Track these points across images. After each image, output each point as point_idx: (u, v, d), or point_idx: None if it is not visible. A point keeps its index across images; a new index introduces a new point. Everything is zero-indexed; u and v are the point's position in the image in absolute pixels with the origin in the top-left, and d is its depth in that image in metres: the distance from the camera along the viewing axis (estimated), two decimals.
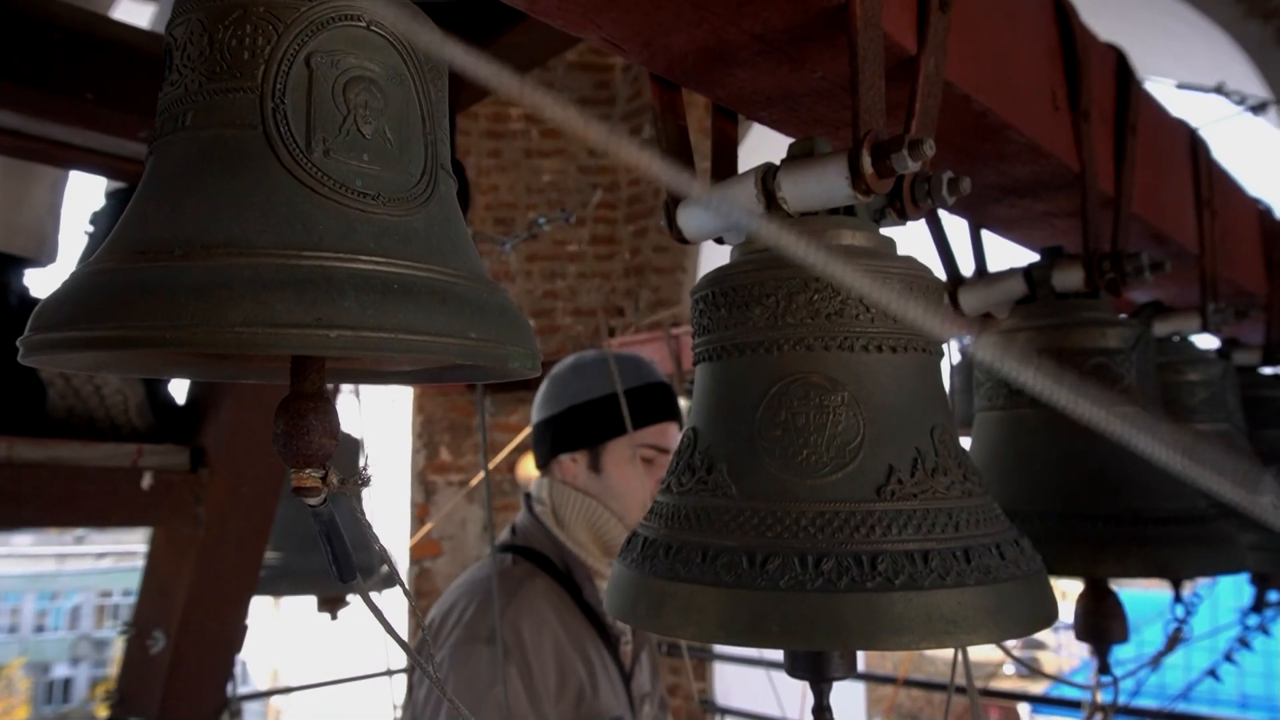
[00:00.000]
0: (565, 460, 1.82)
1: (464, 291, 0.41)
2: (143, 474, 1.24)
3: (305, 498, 0.43)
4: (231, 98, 0.41)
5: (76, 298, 0.38)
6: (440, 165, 0.45)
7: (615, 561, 0.73)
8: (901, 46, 0.74)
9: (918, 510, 0.62)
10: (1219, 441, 1.32)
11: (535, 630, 1.60)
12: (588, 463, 1.80)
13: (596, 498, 1.77)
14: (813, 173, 0.70)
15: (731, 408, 0.68)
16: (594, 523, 1.77)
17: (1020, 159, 0.96)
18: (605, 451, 1.80)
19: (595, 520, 1.76)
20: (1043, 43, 0.98)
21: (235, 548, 1.33)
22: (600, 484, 1.78)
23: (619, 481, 1.78)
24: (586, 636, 1.70)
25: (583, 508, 1.77)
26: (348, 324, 0.36)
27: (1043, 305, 1.08)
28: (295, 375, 0.42)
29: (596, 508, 1.76)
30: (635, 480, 1.79)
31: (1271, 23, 3.61)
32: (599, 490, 1.78)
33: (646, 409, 1.82)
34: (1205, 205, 1.36)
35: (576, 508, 1.77)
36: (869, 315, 0.66)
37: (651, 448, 1.81)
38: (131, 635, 1.45)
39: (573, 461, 1.81)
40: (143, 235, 0.39)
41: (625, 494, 1.78)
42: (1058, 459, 0.98)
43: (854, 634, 0.57)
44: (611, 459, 1.80)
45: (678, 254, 5.71)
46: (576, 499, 1.77)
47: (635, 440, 1.79)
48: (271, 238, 0.37)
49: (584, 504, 1.77)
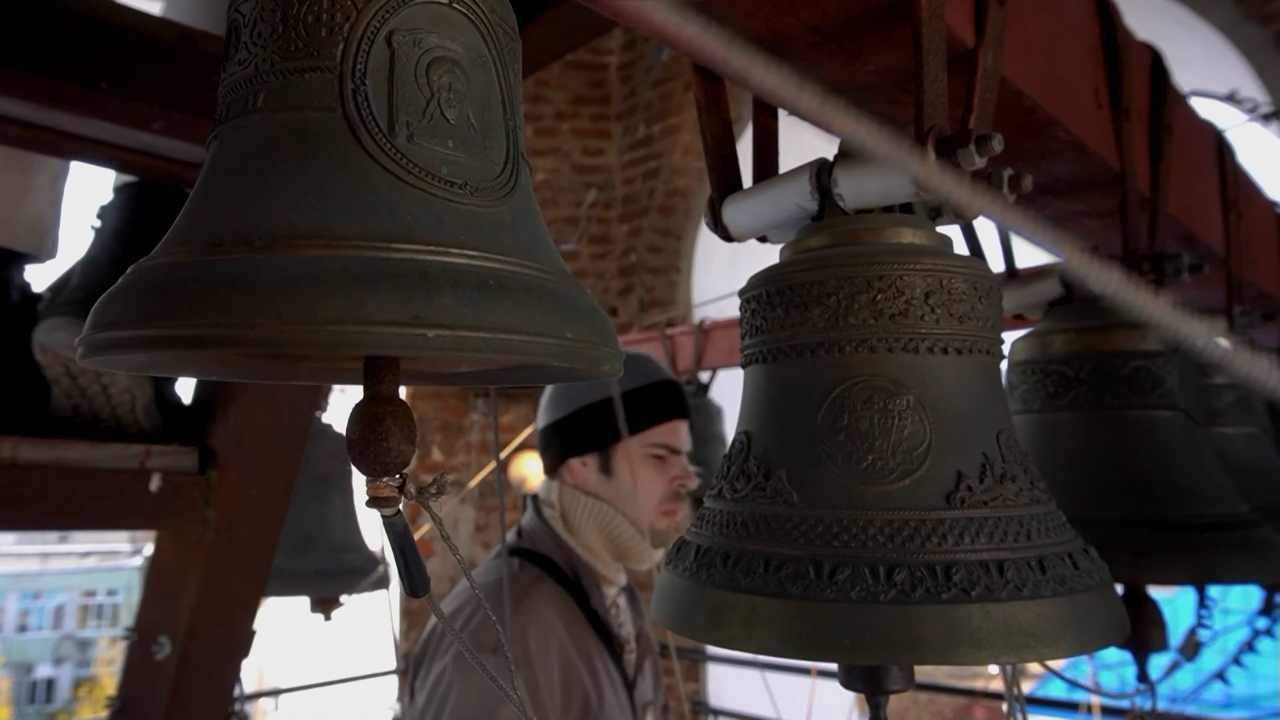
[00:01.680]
0: (575, 464, 1.78)
1: (556, 289, 0.38)
2: (151, 476, 1.21)
3: (381, 509, 0.40)
4: (308, 78, 0.38)
5: (145, 293, 0.35)
6: (520, 154, 0.43)
7: (664, 570, 0.70)
8: (960, 39, 0.71)
9: (989, 518, 0.60)
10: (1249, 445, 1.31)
11: (542, 639, 1.56)
12: (598, 465, 1.77)
13: (608, 501, 1.74)
14: (872, 168, 0.68)
15: (789, 412, 0.66)
16: (606, 526, 1.74)
17: (1063, 157, 0.94)
18: (615, 453, 1.77)
19: (607, 524, 1.73)
20: (1086, 39, 0.97)
21: (245, 551, 1.29)
22: (612, 487, 1.75)
23: (630, 483, 1.76)
24: (592, 644, 1.67)
25: (594, 511, 1.74)
26: (446, 323, 0.33)
27: (1079, 307, 1.06)
28: (370, 377, 0.40)
29: (608, 511, 1.73)
30: (648, 481, 1.76)
31: (1270, 26, 3.62)
32: (610, 493, 1.75)
33: (656, 407, 1.79)
34: (1231, 207, 1.35)
35: (587, 512, 1.75)
36: (934, 316, 0.64)
37: (662, 447, 1.79)
38: (134, 641, 1.42)
39: (583, 465, 1.78)
40: (215, 225, 0.36)
41: (638, 495, 1.75)
42: (1099, 464, 0.97)
43: (931, 648, 0.54)
44: (621, 460, 1.77)
45: (672, 254, 5.69)
46: (587, 503, 1.74)
47: (645, 440, 1.77)
48: (358, 228, 0.35)
49: (595, 508, 1.74)
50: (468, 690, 1.46)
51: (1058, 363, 1.01)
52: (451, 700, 1.46)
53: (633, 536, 1.73)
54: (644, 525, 1.74)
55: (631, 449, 1.77)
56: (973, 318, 0.65)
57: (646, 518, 1.74)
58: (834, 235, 0.70)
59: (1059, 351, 1.02)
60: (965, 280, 0.65)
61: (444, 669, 1.52)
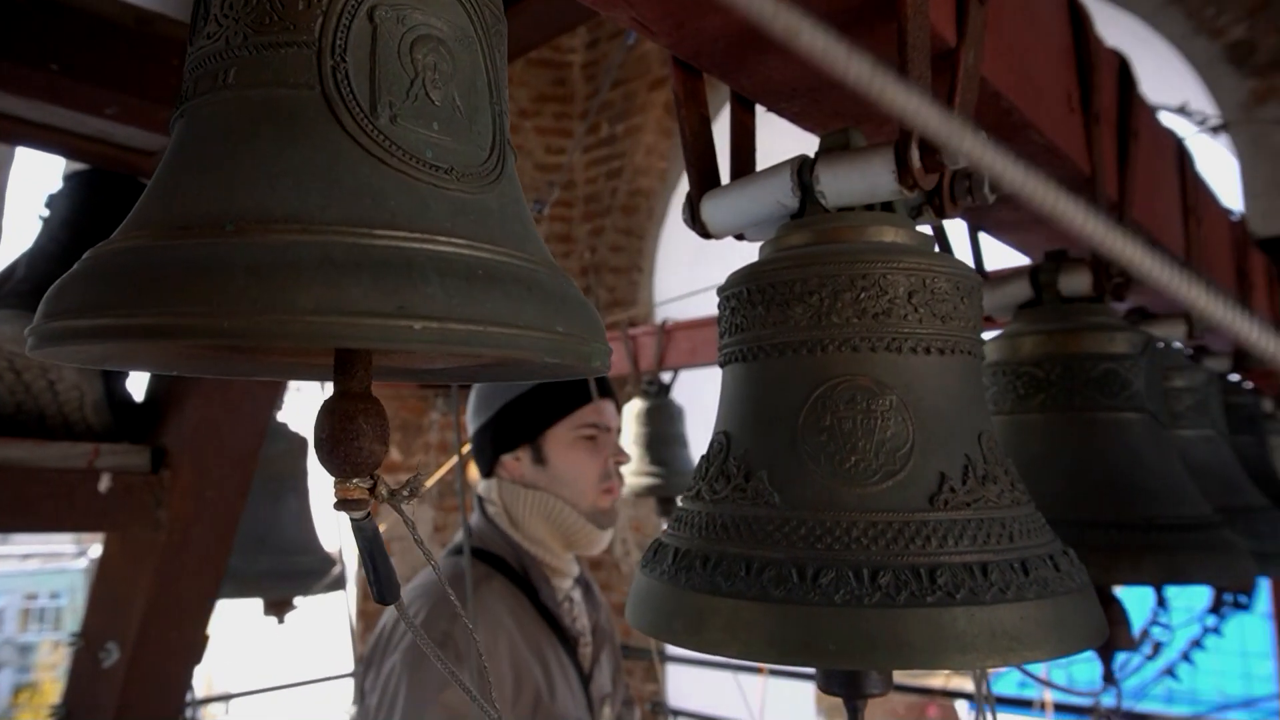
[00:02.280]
0: (508, 460, 1.79)
1: (545, 280, 0.36)
2: (100, 475, 1.16)
3: (350, 511, 0.38)
4: (283, 53, 0.35)
5: (104, 279, 0.32)
6: (506, 140, 0.41)
7: (640, 573, 0.69)
8: (943, 38, 0.71)
9: (972, 520, 0.59)
10: (1207, 448, 1.34)
11: (490, 633, 1.56)
12: (531, 457, 1.78)
13: (546, 489, 1.75)
14: (855, 166, 0.67)
15: (771, 412, 0.65)
16: (549, 515, 1.74)
17: (1037, 159, 0.95)
18: (546, 441, 1.78)
19: (550, 512, 1.74)
20: (1059, 43, 0.97)
21: (198, 553, 1.25)
22: (548, 475, 1.76)
23: (566, 468, 1.77)
24: (544, 638, 1.67)
25: (536, 502, 1.74)
26: (433, 314, 0.31)
27: (1048, 309, 1.07)
28: (341, 372, 0.37)
29: (549, 499, 1.74)
30: (583, 463, 1.77)
31: (1219, 40, 3.72)
32: (547, 481, 1.76)
33: (579, 388, 1.80)
34: (1191, 213, 1.38)
35: (529, 504, 1.75)
36: (917, 316, 0.63)
37: (591, 426, 1.80)
38: (80, 647, 1.36)
39: (515, 460, 1.79)
40: (182, 207, 0.33)
41: (575, 479, 1.77)
42: (1068, 465, 0.97)
43: (917, 652, 0.53)
44: (554, 447, 1.78)
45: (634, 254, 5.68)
46: (528, 495, 1.75)
47: (574, 423, 1.78)
48: (338, 212, 0.32)
49: (536, 498, 1.74)
50: (417, 681, 1.45)
51: (1028, 364, 1.02)
52: (403, 693, 1.45)
53: (577, 520, 1.74)
54: (586, 507, 1.75)
55: (561, 434, 1.77)
56: (955, 318, 0.64)
57: (588, 499, 1.76)
58: (815, 233, 0.69)
59: (1029, 353, 1.03)
60: (948, 280, 0.65)
61: (393, 666, 1.51)
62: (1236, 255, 1.74)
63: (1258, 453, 1.77)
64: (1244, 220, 1.78)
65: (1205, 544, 0.93)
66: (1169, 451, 1.00)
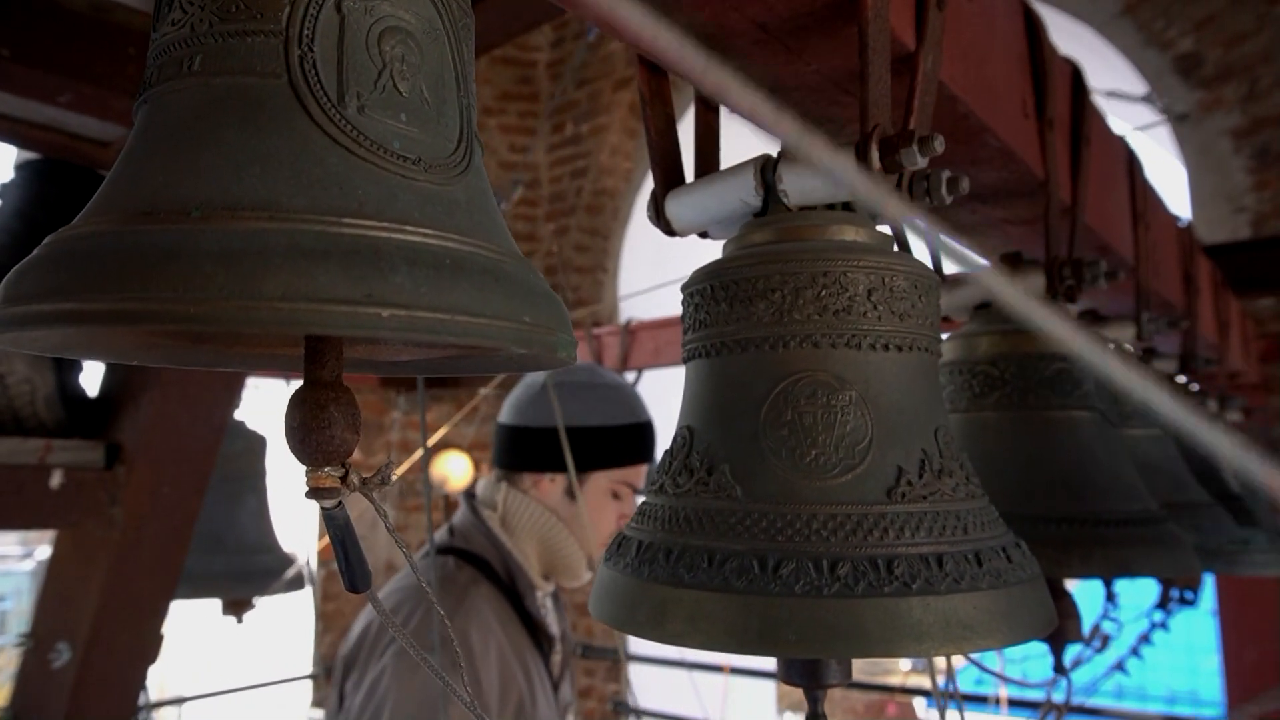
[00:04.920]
0: (542, 479, 1.77)
1: (512, 271, 0.37)
2: (51, 472, 1.13)
3: (321, 500, 0.38)
4: (250, 41, 0.35)
5: (66, 264, 0.32)
6: (474, 133, 0.41)
7: (604, 566, 0.69)
8: (902, 41, 0.73)
9: (928, 512, 0.61)
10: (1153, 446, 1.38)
11: (482, 639, 1.55)
12: (565, 487, 1.77)
13: (564, 520, 1.74)
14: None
15: (733, 406, 0.66)
16: (549, 541, 1.74)
17: (993, 164, 0.97)
18: (588, 480, 1.78)
19: (553, 539, 1.74)
20: (1015, 50, 1.00)
21: (154, 551, 1.23)
22: (572, 509, 1.76)
23: (593, 512, 1.77)
24: (525, 646, 1.67)
25: (543, 524, 1.74)
26: (401, 303, 0.31)
27: (1003, 310, 1.09)
28: (312, 360, 0.37)
29: (560, 529, 1.73)
30: (604, 513, 1.80)
31: (1169, 52, 3.82)
32: (568, 514, 1.75)
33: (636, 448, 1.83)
34: (1140, 218, 1.42)
35: (535, 522, 1.74)
36: (876, 313, 0.64)
37: (627, 486, 1.82)
38: (29, 647, 1.33)
39: (550, 482, 1.77)
40: (146, 193, 0.33)
41: (596, 524, 1.78)
42: (1022, 462, 1.00)
43: (874, 641, 0.55)
44: (592, 490, 1.79)
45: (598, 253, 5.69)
46: (538, 513, 1.74)
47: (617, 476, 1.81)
48: (305, 201, 0.33)
49: (545, 520, 1.74)
50: (407, 692, 1.43)
51: (984, 363, 1.04)
52: (390, 703, 1.42)
53: (575, 554, 1.75)
54: (588, 550, 1.76)
55: (603, 481, 1.78)
56: (913, 315, 0.66)
57: (591, 545, 1.77)
58: (778, 231, 0.70)
59: (985, 353, 1.05)
60: (906, 278, 0.66)
61: (382, 670, 1.48)
62: (1184, 261, 1.79)
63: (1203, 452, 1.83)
64: (1191, 227, 1.84)
65: (1152, 538, 0.96)
66: (1118, 449, 1.03)
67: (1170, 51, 3.86)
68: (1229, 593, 3.07)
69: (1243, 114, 3.59)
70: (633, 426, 1.83)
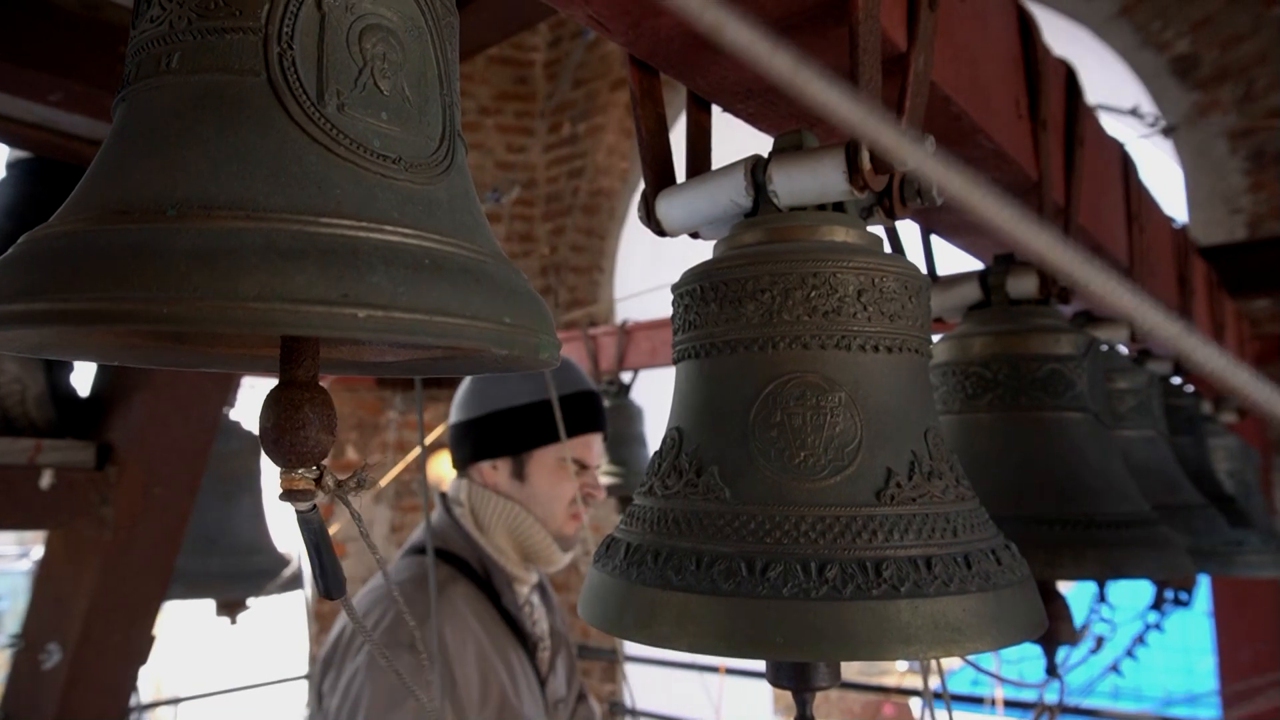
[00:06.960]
0: (484, 466, 1.77)
1: (494, 271, 0.36)
2: (41, 472, 1.13)
3: (295, 502, 0.38)
4: (229, 39, 0.35)
5: (40, 263, 0.31)
6: (457, 132, 0.41)
7: (592, 568, 0.69)
8: (893, 42, 0.72)
9: (918, 515, 0.60)
10: (1147, 447, 1.38)
11: (459, 636, 1.55)
12: (510, 470, 1.77)
13: (520, 503, 1.74)
14: (807, 166, 0.68)
15: (722, 408, 0.65)
16: (516, 528, 1.74)
17: (986, 165, 0.97)
18: (530, 459, 1.77)
19: (517, 525, 1.74)
20: (1008, 50, 0.99)
21: (145, 552, 1.22)
22: (524, 491, 1.75)
23: (544, 489, 1.76)
24: (507, 642, 1.67)
25: (504, 512, 1.74)
26: (378, 303, 0.31)
27: (996, 310, 1.09)
28: (287, 360, 0.37)
29: (519, 513, 1.73)
30: (561, 487, 1.76)
31: (1165, 54, 3.82)
32: (523, 496, 1.75)
33: (574, 419, 1.79)
34: (1135, 219, 1.41)
35: (498, 512, 1.74)
36: (866, 314, 0.64)
37: (576, 461, 1.79)
38: (20, 649, 1.33)
39: (492, 469, 1.77)
40: (122, 192, 0.33)
41: (549, 500, 1.77)
42: (1014, 463, 0.99)
43: (862, 644, 0.54)
44: (536, 468, 1.77)
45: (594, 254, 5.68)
46: (498, 503, 1.74)
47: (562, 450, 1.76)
48: (282, 200, 0.32)
49: (506, 508, 1.74)
50: (380, 689, 1.43)
51: (976, 365, 1.04)
52: (365, 700, 1.42)
53: (544, 539, 1.74)
54: (554, 529, 1.75)
55: (547, 457, 1.77)
56: (903, 316, 0.65)
57: (556, 521, 1.76)
58: (768, 232, 0.70)
59: (978, 354, 1.05)
60: (896, 279, 0.66)
61: (356, 669, 1.49)
62: (1179, 262, 1.79)
63: (1196, 453, 1.83)
64: (1186, 229, 1.84)
65: (1145, 540, 0.96)
66: (1111, 451, 1.03)
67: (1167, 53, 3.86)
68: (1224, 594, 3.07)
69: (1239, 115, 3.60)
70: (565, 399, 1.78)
